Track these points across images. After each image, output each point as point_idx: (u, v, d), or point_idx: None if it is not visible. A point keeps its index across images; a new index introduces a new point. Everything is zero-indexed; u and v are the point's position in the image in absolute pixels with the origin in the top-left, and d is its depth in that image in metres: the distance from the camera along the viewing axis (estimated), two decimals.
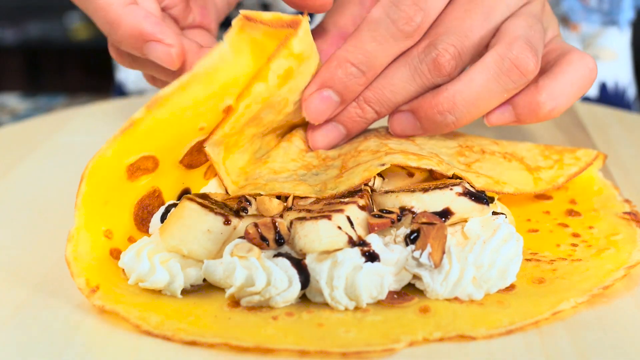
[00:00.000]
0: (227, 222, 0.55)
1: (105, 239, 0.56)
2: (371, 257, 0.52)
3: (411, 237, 0.53)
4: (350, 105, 0.63)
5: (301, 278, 0.52)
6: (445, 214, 0.55)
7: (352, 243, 0.53)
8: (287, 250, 0.54)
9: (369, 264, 0.52)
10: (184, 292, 0.54)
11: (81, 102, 1.19)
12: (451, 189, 0.56)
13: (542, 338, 0.49)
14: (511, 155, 0.66)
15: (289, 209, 0.57)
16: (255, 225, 0.53)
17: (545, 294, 0.53)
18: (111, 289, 0.53)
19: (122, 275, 0.55)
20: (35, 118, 0.95)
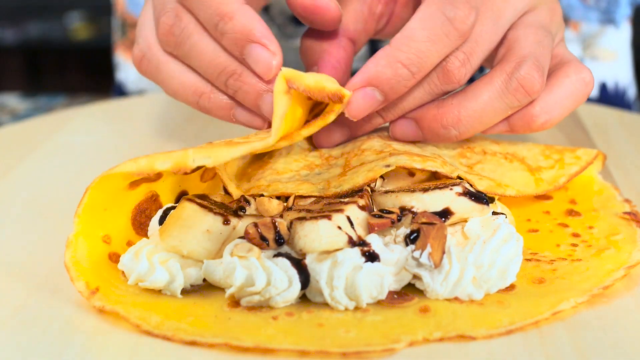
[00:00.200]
0: (227, 222, 0.55)
1: (104, 244, 0.56)
2: (371, 257, 0.52)
3: (411, 237, 0.53)
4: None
5: (301, 278, 0.52)
6: (445, 214, 0.55)
7: (352, 243, 0.53)
8: (287, 250, 0.54)
9: (369, 264, 0.52)
10: (184, 292, 0.54)
11: (81, 102, 1.19)
12: (451, 189, 0.56)
13: (542, 338, 0.49)
14: (512, 155, 0.66)
15: (289, 209, 0.57)
16: (255, 225, 0.53)
17: (545, 294, 0.53)
18: (111, 290, 0.53)
19: (122, 277, 0.55)
20: (35, 118, 0.95)
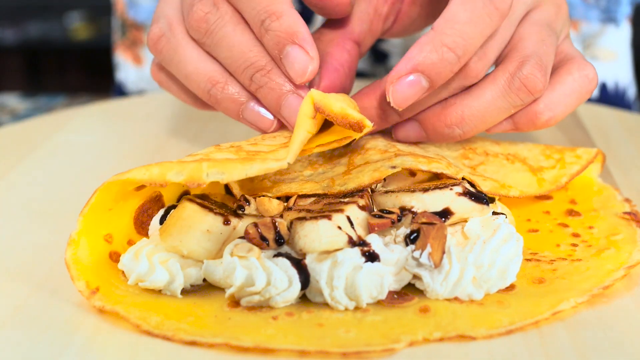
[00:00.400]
0: (227, 222, 0.55)
1: (105, 243, 0.56)
2: (371, 257, 0.52)
3: (411, 237, 0.53)
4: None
5: (301, 278, 0.52)
6: (445, 214, 0.55)
7: (352, 243, 0.53)
8: (287, 250, 0.54)
9: (369, 264, 0.52)
10: (184, 292, 0.54)
11: (81, 102, 1.18)
12: (451, 189, 0.56)
13: (542, 338, 0.49)
14: (514, 156, 0.66)
15: (289, 209, 0.57)
16: (255, 225, 0.53)
17: (545, 294, 0.53)
18: (111, 290, 0.53)
19: (122, 277, 0.55)
20: (35, 118, 0.95)
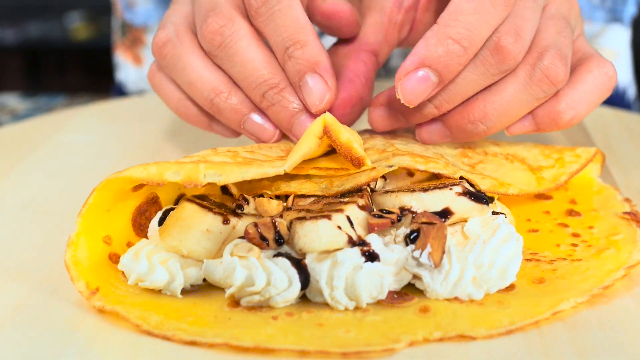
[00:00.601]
0: (226, 222, 0.55)
1: (104, 245, 0.56)
2: (371, 257, 0.52)
3: (411, 237, 0.53)
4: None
5: (301, 278, 0.52)
6: (445, 214, 0.55)
7: (352, 243, 0.53)
8: (287, 250, 0.54)
9: (369, 264, 0.52)
10: (184, 292, 0.54)
11: (81, 102, 1.18)
12: (451, 189, 0.56)
13: (542, 338, 0.49)
14: (513, 156, 0.66)
15: (289, 209, 0.57)
16: (255, 225, 0.53)
17: (545, 294, 0.53)
18: (111, 290, 0.53)
19: (122, 278, 0.55)
20: (35, 118, 0.95)
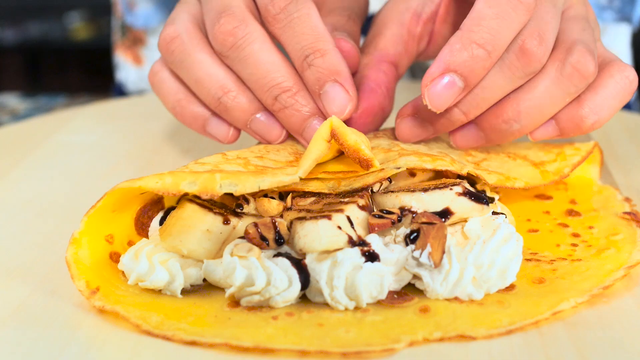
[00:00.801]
0: (226, 222, 0.55)
1: (106, 244, 0.56)
2: (371, 257, 0.52)
3: (411, 237, 0.53)
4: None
5: (301, 278, 0.52)
6: (445, 214, 0.55)
7: (352, 243, 0.53)
8: (287, 250, 0.54)
9: (369, 263, 0.52)
10: (184, 292, 0.54)
11: (81, 102, 1.18)
12: (451, 189, 0.56)
13: (542, 338, 0.49)
14: (514, 154, 0.67)
15: (289, 209, 0.57)
16: (255, 225, 0.53)
17: (545, 294, 0.53)
18: (111, 290, 0.53)
19: (122, 277, 0.55)
20: (35, 118, 0.95)
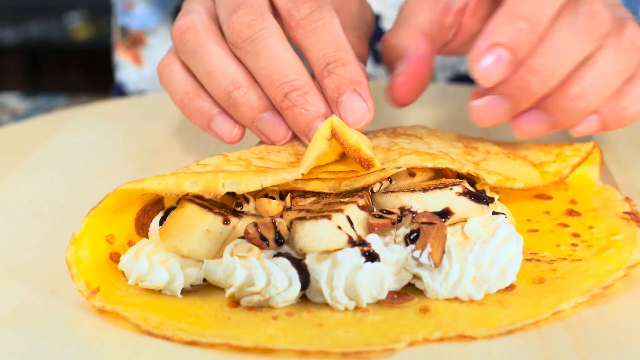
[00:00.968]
0: (226, 222, 0.55)
1: (106, 244, 0.56)
2: (371, 257, 0.52)
3: (411, 237, 0.53)
4: (515, 76, 0.58)
5: (301, 278, 0.52)
6: (445, 214, 0.55)
7: (352, 243, 0.53)
8: (287, 250, 0.54)
9: (369, 263, 0.52)
10: (184, 292, 0.54)
11: (81, 102, 1.18)
12: (451, 189, 0.56)
13: (542, 338, 0.49)
14: (514, 154, 0.67)
15: (289, 209, 0.57)
16: (255, 225, 0.53)
17: (545, 294, 0.53)
18: (111, 290, 0.53)
19: (122, 278, 0.55)
20: (35, 118, 0.95)
